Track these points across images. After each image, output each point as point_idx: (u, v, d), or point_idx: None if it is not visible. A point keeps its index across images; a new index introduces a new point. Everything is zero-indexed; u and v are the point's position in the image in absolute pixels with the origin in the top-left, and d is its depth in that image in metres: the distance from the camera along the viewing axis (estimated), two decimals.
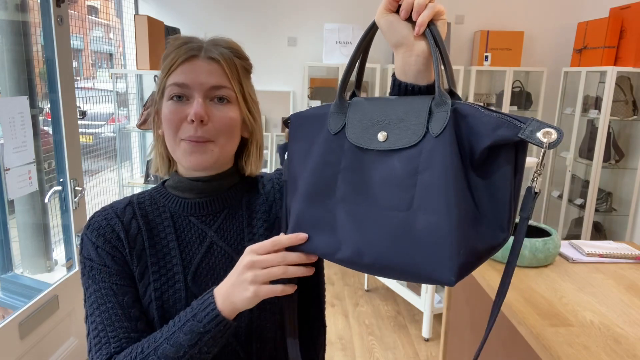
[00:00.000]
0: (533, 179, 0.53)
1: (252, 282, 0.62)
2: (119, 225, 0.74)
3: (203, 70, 0.71)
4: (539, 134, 0.49)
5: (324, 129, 0.64)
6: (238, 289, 0.63)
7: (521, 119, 0.51)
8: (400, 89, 0.62)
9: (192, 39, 0.74)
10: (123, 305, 0.71)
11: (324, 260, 0.69)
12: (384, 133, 0.58)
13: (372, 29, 0.63)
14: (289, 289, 0.64)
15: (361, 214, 0.58)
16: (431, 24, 0.58)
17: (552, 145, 0.49)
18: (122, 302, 0.71)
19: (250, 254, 0.63)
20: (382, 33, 0.62)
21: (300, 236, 0.63)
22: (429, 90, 0.61)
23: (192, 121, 0.70)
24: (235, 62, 0.74)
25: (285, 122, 0.72)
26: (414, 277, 0.54)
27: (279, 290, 0.63)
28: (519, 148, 0.53)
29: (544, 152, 0.50)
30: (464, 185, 0.53)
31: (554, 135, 0.49)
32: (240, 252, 0.76)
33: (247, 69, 0.78)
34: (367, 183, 0.58)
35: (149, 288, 0.73)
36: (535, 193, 0.52)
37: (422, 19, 0.57)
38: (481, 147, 0.53)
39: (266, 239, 0.76)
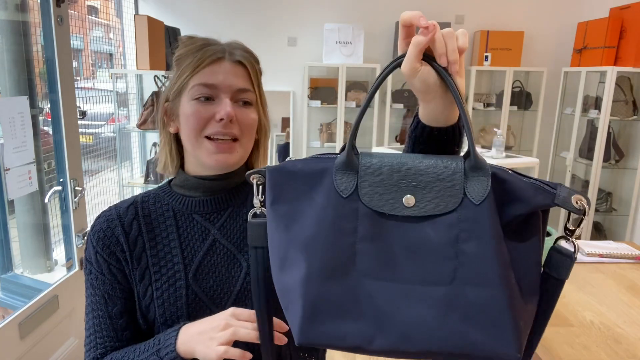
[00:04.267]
0: (574, 244, 0.52)
1: (220, 343, 0.63)
2: (119, 228, 0.76)
3: (230, 73, 0.75)
4: (573, 201, 0.49)
5: (321, 189, 0.53)
6: (204, 342, 0.64)
7: (549, 184, 0.50)
8: (431, 134, 0.58)
9: (210, 40, 0.77)
10: (112, 315, 0.76)
11: None
12: (411, 197, 0.51)
13: (378, 88, 0.56)
14: (247, 355, 0.64)
15: (393, 292, 0.50)
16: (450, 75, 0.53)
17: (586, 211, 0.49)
18: (111, 312, 0.76)
19: (231, 316, 0.65)
20: (415, 91, 0.56)
21: (285, 327, 0.63)
22: (454, 129, 0.58)
23: (221, 120, 0.73)
24: (255, 67, 0.78)
25: (248, 176, 0.58)
26: (472, 358, 0.49)
27: (236, 354, 0.63)
28: (544, 212, 0.52)
29: (582, 218, 0.49)
30: (507, 254, 0.50)
31: (585, 202, 0.49)
32: (242, 251, 0.77)
33: (261, 73, 0.83)
34: (393, 254, 0.51)
35: (149, 288, 0.75)
36: (575, 258, 0.51)
37: (452, 58, 0.52)
38: (519, 213, 0.50)
39: (250, 264, 0.78)
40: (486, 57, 3.55)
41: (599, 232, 3.43)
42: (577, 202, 0.49)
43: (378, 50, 3.67)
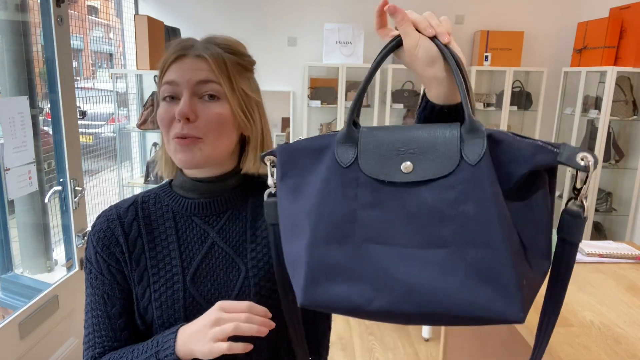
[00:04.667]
0: (582, 203, 0.50)
1: (212, 338, 0.64)
2: (119, 229, 0.76)
3: (190, 67, 0.72)
4: (578, 159, 0.48)
5: (324, 162, 0.56)
6: (199, 340, 0.65)
7: (552, 144, 0.49)
8: (440, 113, 0.59)
9: (185, 39, 0.75)
10: (110, 315, 0.76)
11: None
12: (409, 163, 0.52)
13: (381, 62, 0.60)
14: (248, 347, 0.66)
15: (393, 255, 0.51)
16: (447, 46, 0.56)
17: (594, 168, 0.48)
18: (109, 312, 0.76)
19: (219, 310, 0.66)
20: (421, 68, 0.58)
21: (269, 323, 0.66)
22: (457, 109, 0.59)
23: (180, 120, 0.71)
24: (224, 58, 0.73)
25: (262, 158, 0.61)
26: (473, 320, 0.49)
27: (240, 347, 0.65)
28: (550, 173, 0.52)
29: (587, 176, 0.48)
30: (508, 214, 0.49)
31: (591, 158, 0.47)
32: (241, 254, 0.77)
33: (243, 65, 0.77)
34: (394, 219, 0.52)
35: (147, 290, 0.75)
36: (585, 218, 0.50)
37: (441, 29, 0.57)
38: (519, 174, 0.50)
39: (269, 241, 0.77)
40: (486, 57, 3.55)
41: (599, 232, 3.43)
42: (582, 159, 0.48)
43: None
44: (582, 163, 0.47)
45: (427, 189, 0.51)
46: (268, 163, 0.60)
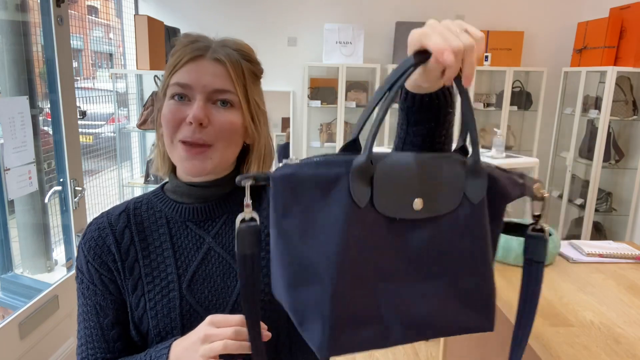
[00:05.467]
0: (541, 227, 0.57)
1: (201, 356, 0.61)
2: (110, 237, 0.74)
3: (207, 72, 0.69)
4: (535, 190, 0.55)
5: (336, 199, 0.49)
6: (190, 357, 0.63)
7: (517, 174, 0.56)
8: (422, 102, 0.57)
9: (200, 38, 0.73)
10: (103, 326, 0.74)
11: None
12: (419, 200, 0.52)
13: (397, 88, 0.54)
14: None
15: (404, 291, 0.52)
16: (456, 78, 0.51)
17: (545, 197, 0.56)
18: (102, 323, 0.74)
19: (209, 325, 0.63)
20: (424, 84, 0.55)
21: (265, 334, 0.59)
22: (444, 93, 0.57)
23: (191, 123, 0.68)
24: (242, 65, 0.72)
25: (240, 182, 0.51)
26: (456, 333, 0.56)
27: None
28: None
29: (544, 204, 0.56)
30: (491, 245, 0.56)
31: (544, 190, 0.56)
32: None
33: (256, 73, 0.76)
34: (403, 255, 0.52)
35: (142, 299, 0.72)
36: (546, 240, 0.57)
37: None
38: (502, 207, 0.56)
39: (266, 245, 0.75)
40: (486, 57, 3.55)
41: (599, 232, 3.43)
42: (538, 191, 0.56)
43: (378, 50, 3.67)
44: (539, 194, 0.55)
45: (434, 224, 0.53)
46: (248, 184, 0.51)
